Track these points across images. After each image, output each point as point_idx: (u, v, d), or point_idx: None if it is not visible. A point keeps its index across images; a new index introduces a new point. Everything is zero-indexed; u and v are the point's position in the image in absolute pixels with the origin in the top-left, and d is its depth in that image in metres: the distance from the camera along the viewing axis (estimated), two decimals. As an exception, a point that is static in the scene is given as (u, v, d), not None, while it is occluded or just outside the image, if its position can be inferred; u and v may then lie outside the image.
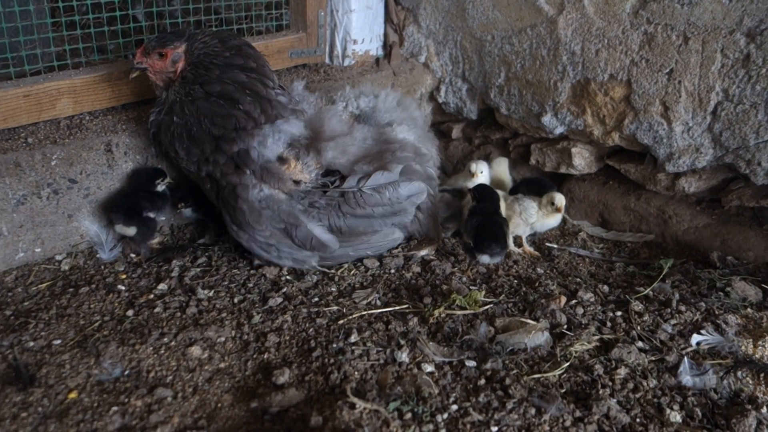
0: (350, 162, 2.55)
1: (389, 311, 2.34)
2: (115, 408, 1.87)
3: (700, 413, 1.91)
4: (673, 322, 2.30)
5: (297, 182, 2.47)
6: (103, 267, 2.59)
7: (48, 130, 2.61)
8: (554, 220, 2.91)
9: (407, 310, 2.35)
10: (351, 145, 2.57)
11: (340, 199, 2.48)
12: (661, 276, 2.59)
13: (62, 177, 2.54)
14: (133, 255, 2.66)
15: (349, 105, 2.66)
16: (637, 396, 1.97)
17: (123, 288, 2.45)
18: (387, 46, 3.55)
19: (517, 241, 2.91)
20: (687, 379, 2.04)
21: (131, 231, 2.62)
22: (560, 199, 2.84)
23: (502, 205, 2.86)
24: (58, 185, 2.53)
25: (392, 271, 2.62)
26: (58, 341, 2.14)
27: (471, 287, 2.50)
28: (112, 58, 2.86)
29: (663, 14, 2.68)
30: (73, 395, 1.91)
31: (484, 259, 2.68)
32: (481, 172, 3.10)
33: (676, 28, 2.67)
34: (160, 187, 2.72)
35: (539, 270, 2.69)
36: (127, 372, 2.02)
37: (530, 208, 2.86)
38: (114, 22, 2.81)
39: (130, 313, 2.30)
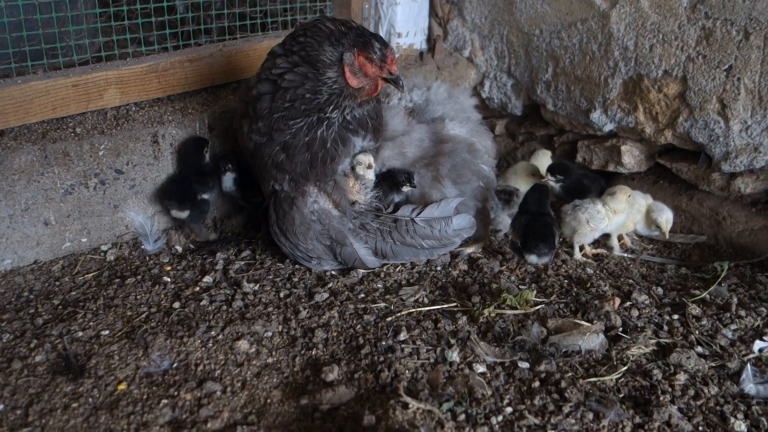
0: (405, 166, 2.54)
1: (438, 309, 2.29)
2: (164, 401, 1.85)
3: (766, 423, 1.84)
4: (733, 327, 2.22)
5: (352, 203, 2.44)
6: (147, 258, 2.58)
7: (95, 120, 2.60)
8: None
9: (456, 309, 2.30)
10: (408, 146, 2.56)
11: (392, 224, 2.44)
12: (719, 279, 2.50)
13: (109, 167, 2.53)
14: (182, 241, 2.67)
15: (403, 98, 2.62)
16: (699, 403, 1.89)
17: (168, 280, 2.43)
18: (431, 40, 3.50)
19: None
20: (750, 387, 1.96)
21: (184, 214, 2.62)
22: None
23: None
24: (104, 175, 2.53)
25: (438, 268, 2.57)
26: (107, 332, 2.13)
27: (521, 287, 2.44)
28: (158, 49, 2.84)
29: (723, 8, 2.59)
30: (122, 387, 1.90)
31: (532, 259, 2.61)
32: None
33: (736, 23, 2.57)
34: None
35: (589, 270, 2.61)
36: (175, 365, 2.00)
37: (596, 213, 2.69)
38: (159, 13, 2.79)
39: (176, 305, 2.28)
